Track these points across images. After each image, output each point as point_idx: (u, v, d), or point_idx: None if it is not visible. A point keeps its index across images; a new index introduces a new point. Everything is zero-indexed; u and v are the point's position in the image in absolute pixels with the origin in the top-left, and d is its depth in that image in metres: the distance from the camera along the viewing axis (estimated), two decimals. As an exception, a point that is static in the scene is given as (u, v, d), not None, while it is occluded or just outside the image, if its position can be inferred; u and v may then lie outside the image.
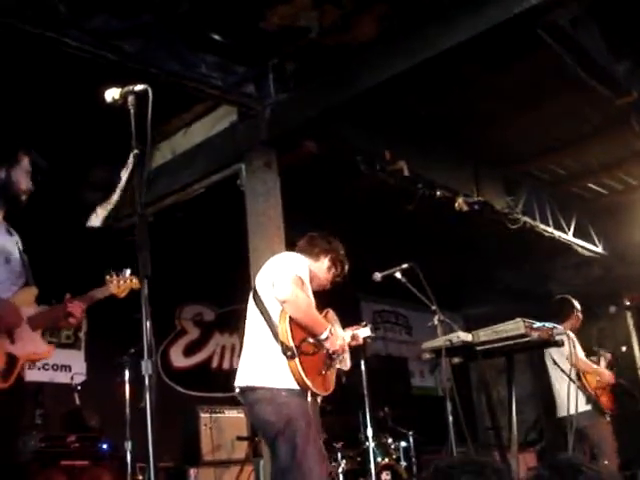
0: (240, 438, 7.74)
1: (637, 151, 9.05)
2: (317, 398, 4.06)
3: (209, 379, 9.75)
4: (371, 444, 6.81)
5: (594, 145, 8.83)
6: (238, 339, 8.91)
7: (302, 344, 3.89)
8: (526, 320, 4.69)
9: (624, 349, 7.12)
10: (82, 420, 6.98)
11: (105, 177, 7.46)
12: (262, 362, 3.95)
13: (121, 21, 5.55)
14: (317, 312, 4.08)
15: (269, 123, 6.55)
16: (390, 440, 7.55)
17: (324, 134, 6.78)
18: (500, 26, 5.20)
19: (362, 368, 6.71)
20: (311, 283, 4.18)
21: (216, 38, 6.03)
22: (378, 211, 9.14)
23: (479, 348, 4.79)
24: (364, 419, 6.88)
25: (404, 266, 5.14)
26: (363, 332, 4.58)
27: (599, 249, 10.87)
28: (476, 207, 8.37)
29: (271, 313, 3.98)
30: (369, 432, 6.81)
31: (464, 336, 4.77)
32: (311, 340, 3.95)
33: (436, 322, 4.98)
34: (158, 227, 7.15)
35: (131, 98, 3.15)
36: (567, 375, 6.04)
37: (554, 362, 6.47)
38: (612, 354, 7.30)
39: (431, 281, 5.01)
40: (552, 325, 4.95)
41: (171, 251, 8.50)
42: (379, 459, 7.12)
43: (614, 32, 6.09)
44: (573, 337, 6.50)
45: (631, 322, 11.02)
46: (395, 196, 7.96)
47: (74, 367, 8.51)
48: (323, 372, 4.04)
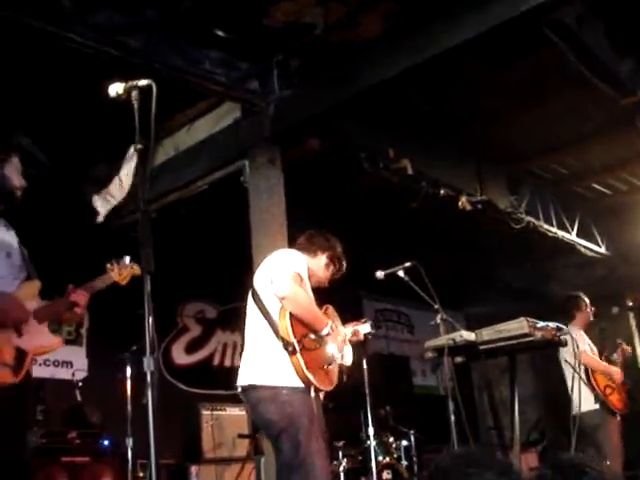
0: (241, 436, 7.74)
1: (641, 151, 9.03)
2: (320, 394, 4.05)
3: (211, 376, 9.74)
4: (372, 443, 6.79)
5: (598, 145, 8.80)
6: (240, 337, 8.93)
7: (303, 340, 3.88)
8: (529, 319, 4.68)
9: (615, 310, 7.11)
10: (83, 416, 6.98)
11: (107, 172, 7.45)
12: (263, 360, 3.94)
13: (125, 17, 5.54)
14: (317, 308, 4.07)
15: (273, 120, 6.53)
16: (391, 439, 7.53)
17: (328, 131, 6.77)
18: (506, 24, 5.18)
19: (364, 367, 6.69)
20: (309, 280, 4.19)
21: (220, 34, 6.01)
22: (381, 209, 9.12)
23: (482, 347, 4.78)
24: (365, 418, 6.86)
25: (407, 264, 5.14)
26: (363, 328, 4.58)
27: (602, 249, 10.85)
28: (479, 206, 8.35)
29: (270, 310, 3.97)
30: (370, 431, 6.79)
31: (467, 335, 4.76)
32: (312, 336, 3.95)
33: (439, 321, 4.96)
34: (161, 224, 7.14)
35: (135, 93, 3.14)
36: (577, 373, 6.06)
37: (565, 360, 6.47)
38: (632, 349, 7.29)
39: (433, 279, 5.00)
40: (555, 325, 4.93)
41: (174, 248, 8.47)
42: (380, 458, 7.11)
43: (619, 31, 6.07)
44: (577, 336, 6.50)
45: (634, 323, 11.01)
46: (398, 194, 7.95)
47: (75, 363, 8.52)
48: (325, 367, 4.04)
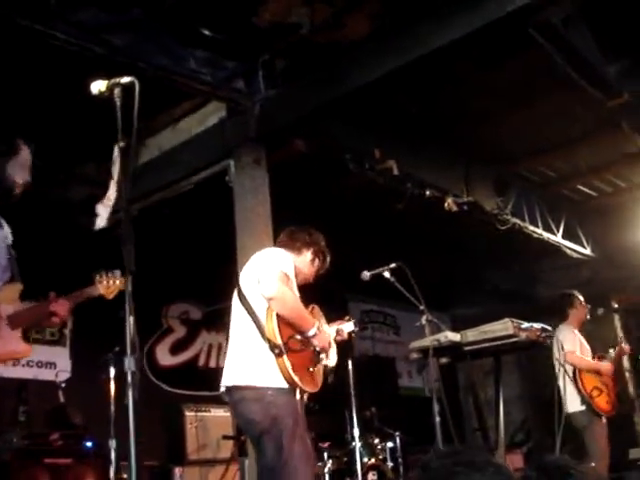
0: (226, 437, 7.69)
1: (627, 153, 9.06)
2: (304, 396, 4.03)
3: (196, 378, 9.67)
4: (357, 444, 6.78)
5: (584, 147, 8.83)
6: (225, 338, 8.90)
7: (290, 341, 3.85)
8: (514, 320, 4.69)
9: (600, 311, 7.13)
10: (66, 418, 6.92)
11: (97, 172, 7.40)
12: (248, 361, 3.90)
13: (110, 15, 5.51)
14: (304, 308, 4.04)
15: (258, 120, 6.51)
16: (377, 440, 7.52)
17: (314, 132, 6.74)
18: (493, 24, 5.17)
19: (349, 368, 6.67)
20: (296, 278, 4.14)
21: (206, 33, 5.98)
22: (367, 210, 9.11)
23: (467, 348, 4.80)
24: (351, 419, 6.84)
25: (392, 265, 5.13)
26: (347, 327, 4.55)
27: (587, 251, 10.88)
28: (465, 207, 8.35)
29: (257, 310, 3.93)
30: (356, 432, 6.78)
31: (452, 336, 4.77)
32: (298, 337, 3.92)
33: (424, 322, 4.96)
34: (145, 224, 7.12)
35: (117, 90, 3.11)
36: (565, 372, 6.08)
37: (557, 359, 6.50)
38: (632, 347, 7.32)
39: (420, 281, 4.99)
40: (540, 326, 4.95)
41: (158, 248, 8.44)
42: (365, 459, 7.09)
43: (606, 33, 6.08)
44: (568, 335, 6.52)
45: (618, 325, 11.03)
46: (384, 195, 7.94)
47: (59, 364, 8.45)
48: (311, 369, 4.01)
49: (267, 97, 6.51)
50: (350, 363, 6.67)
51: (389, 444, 7.63)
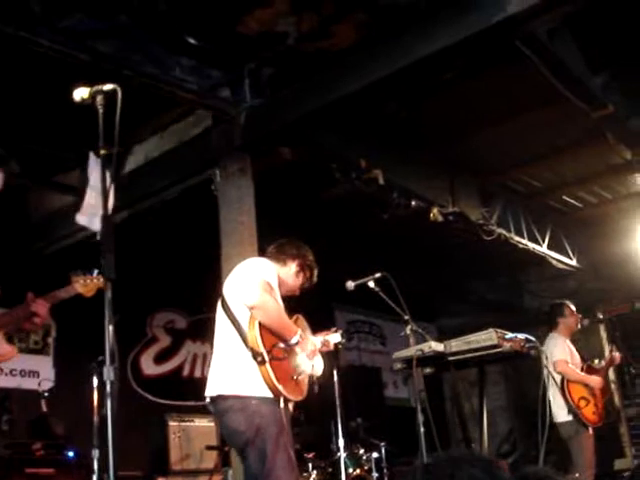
0: (209, 447, 7.65)
1: (612, 164, 9.10)
2: (289, 405, 4.00)
3: (180, 387, 9.63)
4: (342, 455, 6.73)
5: (570, 158, 8.86)
6: (210, 347, 8.87)
7: (273, 349, 3.84)
8: (498, 330, 4.69)
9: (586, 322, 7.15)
10: (48, 427, 6.87)
11: (81, 180, 7.37)
12: (232, 370, 3.89)
13: (96, 21, 5.47)
14: (287, 317, 4.03)
15: (244, 128, 6.48)
16: (362, 451, 7.48)
17: (300, 141, 6.72)
18: (479, 35, 5.18)
19: (335, 378, 6.64)
20: (280, 289, 4.14)
21: (192, 42, 5.96)
22: (353, 220, 9.11)
23: (451, 358, 4.79)
24: (336, 429, 6.81)
25: (377, 275, 5.12)
26: (333, 338, 4.53)
27: (573, 262, 10.90)
28: (451, 218, 8.36)
29: (240, 319, 3.93)
30: (341, 442, 6.73)
31: (436, 346, 4.76)
32: (282, 345, 3.91)
33: (408, 332, 4.95)
34: (130, 232, 7.10)
35: (100, 98, 3.11)
36: (554, 382, 6.08)
37: (546, 367, 6.49)
38: (623, 357, 7.33)
39: (406, 291, 4.98)
40: (524, 336, 4.94)
41: (143, 257, 8.41)
42: (350, 470, 7.05)
43: (591, 45, 6.11)
44: (557, 344, 6.52)
45: (604, 335, 11.07)
46: (370, 205, 7.94)
47: (42, 373, 8.39)
48: (295, 377, 4.00)
49: (253, 106, 6.49)
50: (336, 373, 6.65)
51: (374, 454, 7.58)
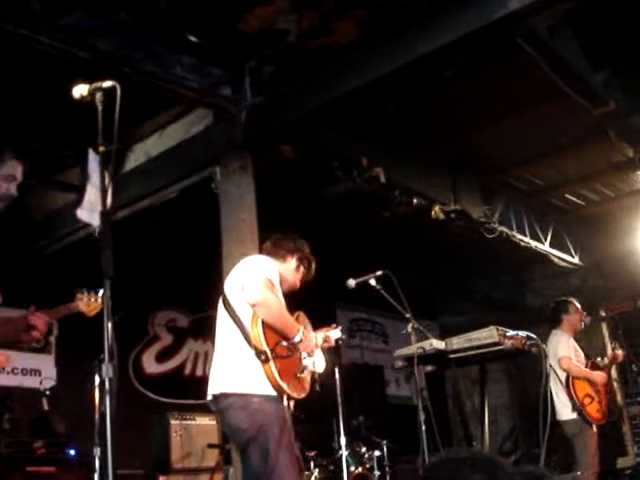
0: (211, 446, 7.65)
1: (614, 162, 9.08)
2: (290, 403, 3.99)
3: (182, 386, 9.63)
4: (344, 453, 6.73)
5: (572, 156, 8.84)
6: (211, 346, 8.86)
7: (276, 347, 3.82)
8: (499, 328, 4.68)
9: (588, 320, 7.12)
10: (49, 426, 6.87)
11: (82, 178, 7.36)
12: (235, 368, 3.87)
13: (96, 19, 5.46)
14: (289, 315, 4.02)
15: (245, 126, 6.47)
16: (364, 449, 7.48)
17: (300, 139, 6.71)
18: (480, 31, 5.17)
19: (337, 376, 6.64)
20: (281, 285, 4.13)
21: (192, 39, 5.95)
22: (355, 218, 9.10)
23: (452, 356, 4.78)
24: (338, 427, 6.80)
25: (378, 273, 5.11)
26: (334, 334, 4.51)
27: (575, 260, 10.88)
28: (453, 216, 8.34)
29: (242, 317, 3.91)
30: (343, 441, 6.73)
31: (437, 344, 4.75)
32: (285, 343, 3.89)
33: (410, 330, 4.94)
34: (132, 230, 7.10)
35: (99, 95, 3.08)
36: (559, 380, 6.07)
37: (550, 365, 6.48)
38: (626, 354, 7.31)
39: (408, 289, 4.97)
40: (526, 334, 4.93)
41: (145, 255, 8.42)
42: (352, 468, 7.05)
43: (592, 42, 6.10)
44: (561, 341, 6.51)
45: (606, 333, 11.05)
46: (372, 203, 7.93)
47: (44, 372, 8.40)
48: (298, 375, 3.99)
49: (254, 103, 6.48)
50: (337, 371, 6.64)
51: (376, 453, 7.58)
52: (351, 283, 5.15)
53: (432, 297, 12.75)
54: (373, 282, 5.10)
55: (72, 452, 6.68)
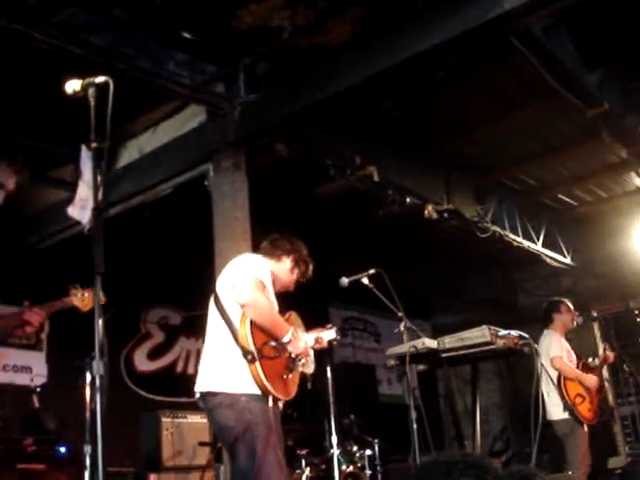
0: (202, 444, 7.63)
1: (607, 163, 9.11)
2: (279, 403, 3.99)
3: (173, 384, 9.59)
4: (336, 451, 6.71)
5: (565, 156, 8.87)
6: (203, 343, 8.83)
7: (263, 347, 3.82)
8: (492, 327, 4.69)
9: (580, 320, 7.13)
10: (39, 423, 6.83)
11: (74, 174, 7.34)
12: (222, 367, 3.89)
13: (91, 15, 5.44)
14: (279, 315, 4.02)
15: (238, 124, 6.45)
16: (355, 448, 7.46)
17: (294, 136, 6.71)
18: (474, 30, 5.15)
19: (328, 374, 6.62)
20: (274, 285, 4.13)
21: (187, 36, 5.93)
22: (348, 217, 9.10)
23: (444, 355, 4.79)
24: (329, 426, 6.79)
25: (371, 272, 5.11)
26: (328, 335, 4.48)
27: (568, 260, 10.89)
28: (446, 215, 8.34)
29: (232, 317, 3.91)
30: (334, 439, 6.71)
31: (429, 342, 4.75)
32: (273, 343, 3.89)
33: (402, 329, 4.94)
34: (124, 227, 7.08)
35: (91, 90, 3.08)
36: (551, 380, 6.07)
37: (542, 365, 6.48)
38: (617, 355, 7.31)
39: (400, 289, 4.97)
40: (518, 333, 4.93)
41: (137, 252, 8.39)
42: (344, 467, 7.03)
43: (586, 42, 6.10)
44: (552, 341, 6.52)
45: (598, 334, 11.07)
46: (365, 202, 7.93)
47: (35, 369, 8.37)
48: (285, 376, 3.98)
49: (247, 101, 6.46)
50: (329, 370, 6.63)
51: (368, 452, 7.56)
52: (344, 281, 5.15)
53: (425, 297, 12.77)
54: (366, 281, 5.10)
55: (63, 449, 6.65)
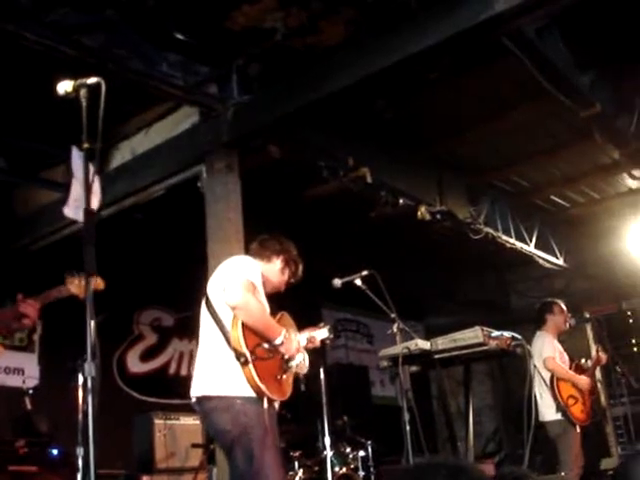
0: (195, 445, 7.61)
1: (600, 164, 9.13)
2: (274, 404, 3.98)
3: (166, 385, 9.57)
4: (329, 453, 6.71)
5: (557, 157, 8.88)
6: (196, 345, 8.82)
7: (256, 349, 3.81)
8: (484, 329, 4.69)
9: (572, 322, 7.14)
10: (31, 425, 6.81)
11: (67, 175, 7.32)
12: (216, 370, 3.87)
13: (83, 15, 5.43)
14: (270, 317, 4.00)
15: (231, 125, 6.44)
16: (348, 449, 7.45)
17: (287, 138, 6.70)
18: (467, 32, 5.17)
19: (321, 376, 6.62)
20: (265, 286, 4.11)
21: (179, 37, 5.92)
22: (341, 218, 9.09)
23: (437, 356, 4.79)
24: (322, 428, 6.78)
25: (364, 273, 5.11)
26: (320, 334, 4.46)
27: (560, 261, 10.91)
28: (438, 216, 8.34)
29: (223, 319, 3.90)
30: (327, 441, 6.71)
31: (422, 344, 4.76)
32: (266, 345, 3.88)
33: (395, 330, 4.94)
34: (117, 229, 7.06)
35: (83, 91, 3.07)
36: (543, 381, 6.07)
37: (534, 366, 6.48)
38: (609, 357, 7.33)
39: (393, 290, 4.97)
40: (510, 334, 4.94)
41: (130, 254, 8.37)
42: (337, 468, 7.02)
43: (579, 43, 6.12)
44: (545, 342, 6.53)
45: (591, 335, 11.09)
46: (358, 203, 7.93)
47: (27, 370, 8.33)
48: (279, 377, 3.97)
49: (240, 102, 6.45)
50: (322, 371, 6.63)
51: (361, 453, 7.56)
52: (337, 283, 5.15)
53: (417, 298, 12.77)
54: (359, 282, 5.09)
55: (55, 451, 6.63)
